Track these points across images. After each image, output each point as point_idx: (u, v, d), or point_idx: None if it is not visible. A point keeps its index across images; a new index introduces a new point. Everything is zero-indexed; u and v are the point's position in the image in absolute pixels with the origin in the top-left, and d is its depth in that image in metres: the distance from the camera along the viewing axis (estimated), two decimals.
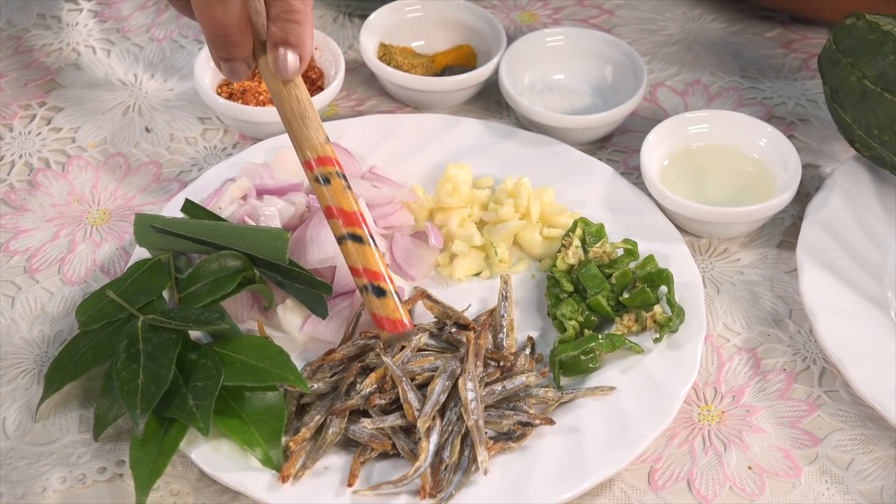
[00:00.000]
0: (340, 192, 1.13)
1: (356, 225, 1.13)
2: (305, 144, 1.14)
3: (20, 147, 1.38)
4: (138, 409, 1.07)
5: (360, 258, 1.12)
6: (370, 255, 1.12)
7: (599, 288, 1.21)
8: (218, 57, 1.15)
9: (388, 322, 1.11)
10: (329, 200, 1.13)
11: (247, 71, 1.16)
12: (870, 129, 1.26)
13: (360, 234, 1.12)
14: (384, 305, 1.11)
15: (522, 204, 1.27)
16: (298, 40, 1.13)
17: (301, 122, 1.14)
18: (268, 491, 1.07)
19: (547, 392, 1.14)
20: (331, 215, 1.13)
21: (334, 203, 1.13)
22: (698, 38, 1.52)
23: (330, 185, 1.13)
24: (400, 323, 1.11)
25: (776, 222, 1.32)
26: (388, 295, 1.11)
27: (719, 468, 1.12)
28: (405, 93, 1.41)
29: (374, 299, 1.11)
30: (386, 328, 1.11)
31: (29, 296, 1.24)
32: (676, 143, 1.33)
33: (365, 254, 1.12)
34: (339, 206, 1.13)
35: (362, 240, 1.12)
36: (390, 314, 1.11)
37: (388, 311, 1.11)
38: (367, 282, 1.11)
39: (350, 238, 1.12)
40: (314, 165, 1.14)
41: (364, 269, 1.11)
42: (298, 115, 1.14)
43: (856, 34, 1.28)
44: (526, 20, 1.55)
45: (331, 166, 1.14)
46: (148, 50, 1.50)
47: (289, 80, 1.14)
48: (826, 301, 1.20)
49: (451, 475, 1.08)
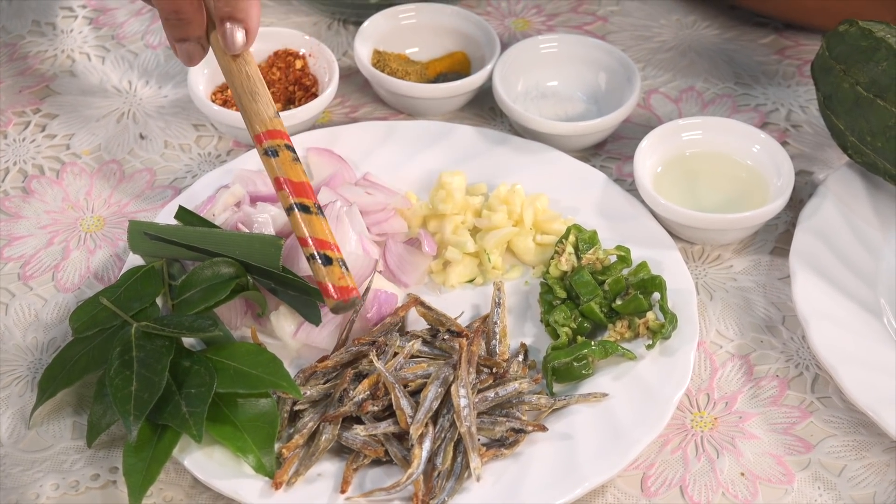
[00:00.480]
0: (288, 163, 1.14)
1: (304, 196, 1.13)
2: (255, 119, 1.16)
3: (14, 154, 1.38)
4: (131, 416, 1.07)
5: (308, 227, 1.12)
6: (317, 225, 1.12)
7: (592, 294, 1.21)
8: (173, 38, 1.18)
9: (334, 289, 1.10)
10: (277, 172, 1.14)
11: (201, 53, 1.18)
12: (863, 135, 1.26)
13: (308, 205, 1.12)
14: (330, 273, 1.10)
15: (516, 211, 1.27)
16: (244, 14, 1.15)
17: (251, 98, 1.16)
18: (261, 497, 1.07)
19: (539, 399, 1.14)
20: (279, 187, 1.13)
21: (282, 174, 1.13)
22: (692, 44, 1.52)
23: (278, 157, 1.14)
24: (345, 289, 1.10)
25: (769, 229, 1.32)
26: (334, 263, 1.10)
27: (712, 474, 1.13)
28: (399, 99, 1.42)
29: (321, 267, 1.10)
30: (332, 296, 1.10)
31: (23, 303, 1.25)
32: (670, 150, 1.33)
33: (312, 223, 1.12)
34: (287, 178, 1.13)
35: (310, 210, 1.12)
36: (336, 281, 1.10)
37: (334, 278, 1.10)
38: (315, 250, 1.11)
39: (298, 208, 1.12)
40: (263, 139, 1.15)
41: (311, 239, 1.11)
42: (248, 91, 1.16)
43: (849, 41, 1.28)
44: (520, 27, 1.55)
45: (279, 139, 1.15)
46: (143, 57, 1.50)
47: (236, 53, 1.16)
48: (819, 307, 1.20)
49: (444, 482, 1.08)
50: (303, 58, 1.42)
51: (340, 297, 1.10)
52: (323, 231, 1.12)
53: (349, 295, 1.10)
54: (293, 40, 1.43)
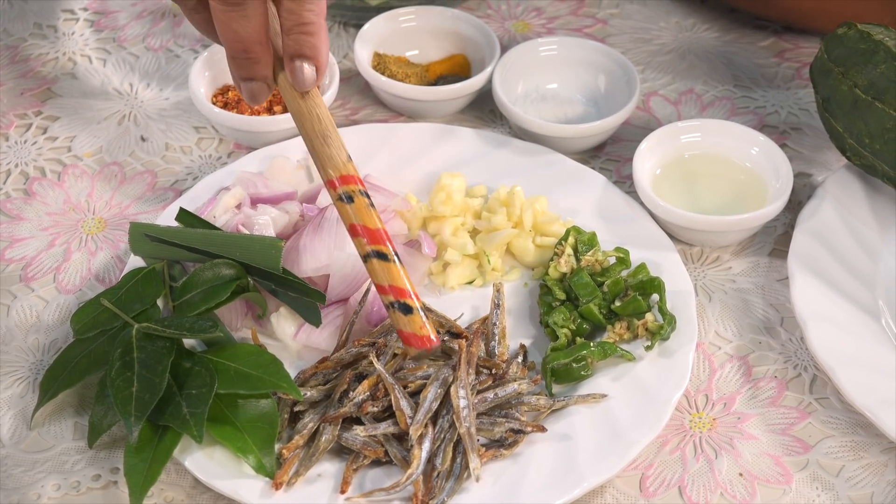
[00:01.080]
0: (364, 210, 1.12)
1: (381, 243, 1.11)
2: (328, 163, 1.13)
3: (16, 156, 1.39)
4: (132, 417, 1.08)
5: (386, 275, 1.10)
6: (395, 273, 1.10)
7: (591, 296, 1.21)
8: (239, 77, 1.15)
9: (415, 338, 1.09)
10: (353, 219, 1.12)
11: (266, 92, 1.15)
12: (861, 137, 1.26)
13: (385, 252, 1.11)
14: (411, 322, 1.09)
15: (515, 213, 1.27)
16: (313, 51, 1.12)
17: (323, 142, 1.13)
18: (261, 498, 1.07)
19: (539, 399, 1.15)
20: (355, 234, 1.12)
21: (358, 221, 1.11)
22: (692, 47, 1.53)
23: (353, 204, 1.12)
24: (427, 339, 1.09)
25: (768, 231, 1.32)
26: (414, 312, 1.09)
27: (710, 475, 1.13)
28: (399, 102, 1.42)
29: (401, 316, 1.09)
30: (413, 345, 1.09)
31: (24, 304, 1.25)
32: (669, 152, 1.34)
33: (390, 271, 1.10)
34: (364, 224, 1.11)
35: (387, 257, 1.10)
36: (417, 331, 1.09)
37: (415, 327, 1.09)
38: (394, 299, 1.10)
39: (375, 256, 1.11)
40: (337, 184, 1.12)
41: (390, 287, 1.10)
42: (320, 135, 1.13)
43: (847, 43, 1.29)
44: (520, 30, 1.55)
45: (353, 185, 1.12)
46: (144, 59, 1.50)
47: (306, 90, 1.13)
48: (817, 309, 1.21)
49: (444, 482, 1.09)
50: None
51: (421, 346, 1.09)
52: (400, 278, 1.10)
53: (431, 345, 1.09)
54: None
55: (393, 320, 1.10)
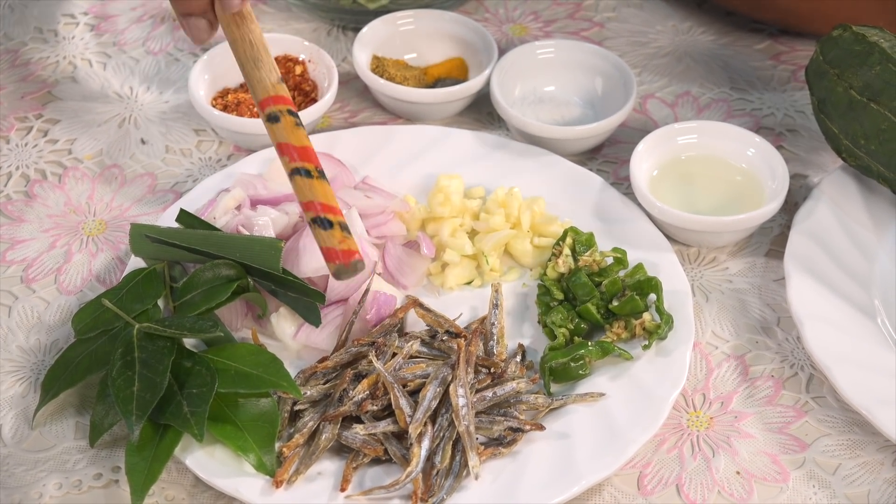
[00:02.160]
0: (290, 128, 1.13)
1: (306, 160, 1.12)
2: (257, 86, 1.15)
3: (17, 159, 1.40)
4: (133, 416, 1.08)
5: (309, 192, 1.11)
6: (318, 189, 1.11)
7: (589, 296, 1.22)
8: (179, 13, 1.18)
9: (334, 252, 1.08)
10: (279, 137, 1.13)
11: (208, 29, 1.18)
12: (856, 138, 1.27)
13: (309, 169, 1.12)
14: (330, 237, 1.09)
15: (513, 214, 1.28)
16: None
17: (254, 65, 1.16)
18: (262, 496, 1.08)
19: (537, 398, 1.15)
20: (281, 152, 1.12)
21: (283, 139, 1.13)
22: (688, 50, 1.53)
23: (279, 123, 1.13)
24: (346, 253, 1.08)
25: (764, 231, 1.33)
26: (335, 226, 1.09)
27: (708, 473, 1.14)
28: (398, 104, 1.43)
29: (321, 231, 1.09)
30: (332, 259, 1.09)
31: (25, 305, 1.26)
32: (665, 154, 1.35)
33: (313, 187, 1.11)
34: (288, 142, 1.13)
35: (311, 174, 1.11)
36: (336, 245, 1.08)
37: (334, 241, 1.09)
38: (315, 214, 1.10)
39: (298, 173, 1.11)
40: (265, 105, 1.15)
41: (311, 203, 1.10)
42: (251, 59, 1.16)
43: (842, 45, 1.30)
44: (517, 33, 1.56)
45: (281, 105, 1.14)
46: (144, 63, 1.51)
47: (234, 11, 1.15)
48: (813, 309, 1.21)
49: (443, 480, 1.09)
50: (302, 63, 1.44)
51: (341, 260, 1.08)
52: (325, 195, 1.10)
53: (350, 258, 1.08)
54: (293, 46, 1.45)
55: (315, 236, 1.10)
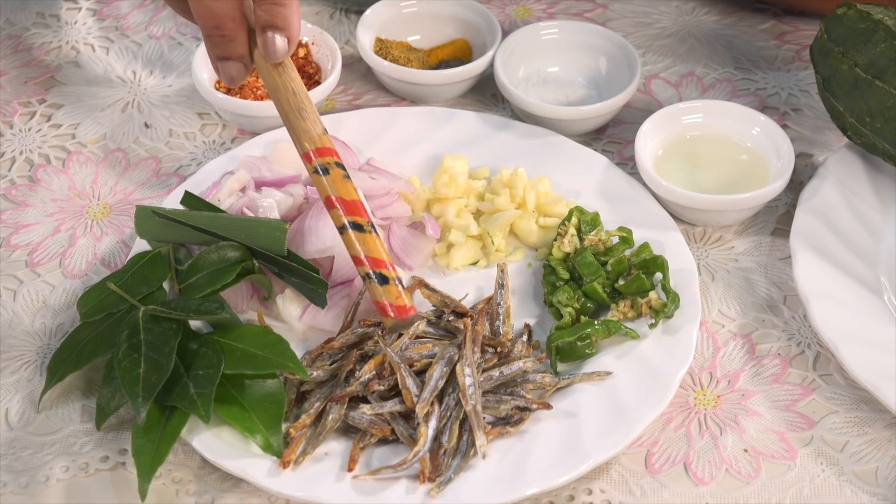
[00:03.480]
0: (339, 181, 1.13)
1: (356, 214, 1.12)
2: (303, 136, 1.14)
3: (21, 143, 1.39)
4: (140, 398, 1.08)
5: (362, 246, 1.11)
6: (371, 243, 1.11)
7: (595, 275, 1.22)
8: (215, 56, 1.17)
9: (391, 308, 1.10)
10: (328, 190, 1.13)
11: (244, 72, 1.17)
12: (861, 116, 1.27)
13: (361, 223, 1.12)
14: (387, 292, 1.10)
15: (518, 194, 1.28)
16: (285, 23, 1.13)
17: (298, 115, 1.15)
18: (269, 477, 1.08)
19: (544, 377, 1.15)
20: (331, 205, 1.13)
21: (334, 193, 1.13)
22: (692, 30, 1.53)
23: (329, 175, 1.13)
24: (403, 309, 1.10)
25: (770, 210, 1.33)
26: (390, 282, 1.10)
27: (715, 451, 1.13)
28: (402, 86, 1.43)
29: (377, 287, 1.10)
30: (389, 315, 1.10)
31: (31, 289, 1.26)
32: (670, 133, 1.34)
33: (366, 242, 1.11)
34: (339, 196, 1.13)
35: (363, 228, 1.12)
36: (393, 300, 1.10)
37: (391, 297, 1.10)
38: (370, 269, 1.11)
39: (351, 227, 1.12)
40: (313, 157, 1.14)
41: (366, 258, 1.11)
42: (295, 108, 1.15)
43: (847, 23, 1.29)
44: (521, 14, 1.56)
45: (329, 157, 1.14)
46: (146, 47, 1.51)
47: (278, 62, 1.14)
48: (820, 287, 1.21)
49: (450, 459, 1.09)
50: (306, 46, 1.43)
51: (398, 316, 1.09)
52: (377, 250, 1.11)
53: (407, 314, 1.10)
54: None
55: (369, 291, 1.11)
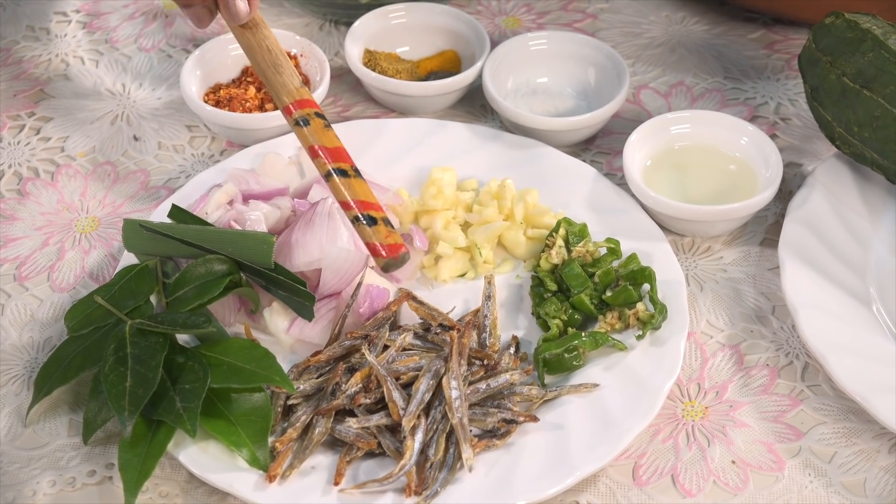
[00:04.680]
0: (320, 130, 1.15)
1: (340, 160, 1.13)
2: (281, 91, 1.17)
3: (9, 157, 1.39)
4: (126, 412, 1.08)
5: (348, 191, 1.12)
6: (358, 187, 1.12)
7: (583, 287, 1.22)
8: (181, 4, 1.21)
9: (382, 248, 1.10)
10: (311, 140, 1.15)
11: (209, 16, 1.20)
12: (850, 126, 1.27)
13: (346, 168, 1.13)
14: (376, 232, 1.11)
15: (506, 205, 1.28)
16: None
17: (275, 71, 1.18)
18: (255, 491, 1.08)
19: (531, 390, 1.15)
20: (315, 155, 1.14)
21: (316, 142, 1.14)
22: (682, 40, 1.53)
23: (310, 126, 1.15)
24: (394, 247, 1.10)
25: (759, 220, 1.33)
26: (378, 222, 1.11)
27: (703, 463, 1.13)
28: (390, 98, 1.42)
29: (366, 228, 1.11)
30: (381, 254, 1.10)
31: (18, 303, 1.26)
32: (659, 144, 1.34)
33: (352, 186, 1.12)
34: (322, 144, 1.14)
35: (347, 173, 1.13)
36: (383, 240, 1.10)
37: (381, 237, 1.10)
38: (358, 212, 1.11)
39: (337, 173, 1.13)
40: (293, 109, 1.16)
41: (353, 201, 1.12)
42: (271, 65, 1.18)
43: (835, 33, 1.29)
44: (510, 25, 1.56)
45: (308, 108, 1.16)
46: (136, 60, 1.51)
47: (240, 22, 1.18)
48: (808, 297, 1.21)
49: (437, 473, 1.09)
50: (295, 58, 1.43)
51: (390, 254, 1.10)
52: (364, 192, 1.12)
53: (398, 251, 1.10)
54: (285, 41, 1.44)
55: (360, 233, 1.12)
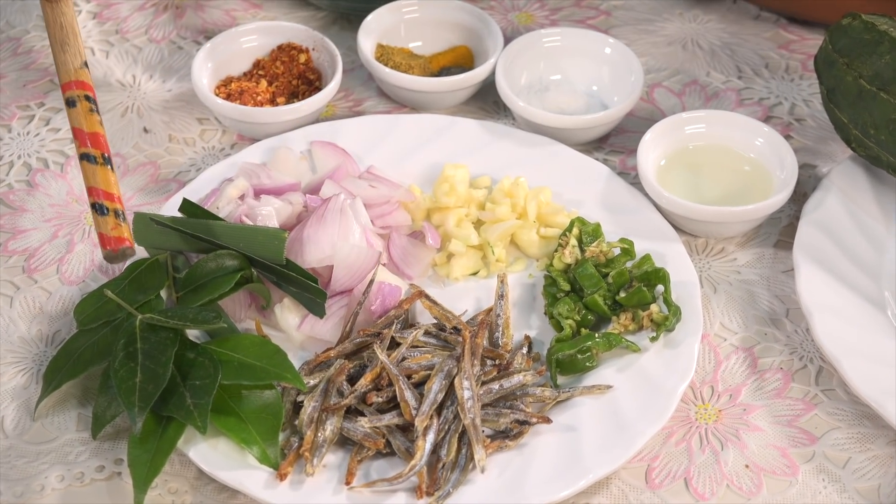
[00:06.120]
0: (84, 114, 1.16)
1: (95, 146, 1.15)
2: (61, 69, 1.19)
3: (19, 147, 1.38)
4: (136, 408, 1.07)
5: (93, 177, 1.14)
6: (100, 176, 1.14)
7: (596, 287, 1.21)
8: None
9: (105, 238, 1.11)
10: (73, 122, 1.17)
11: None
12: (866, 128, 1.26)
13: (94, 155, 1.15)
14: (104, 222, 1.12)
15: (519, 204, 1.27)
16: None
17: (60, 48, 1.20)
18: (265, 489, 1.07)
19: (544, 391, 1.14)
20: (74, 136, 1.16)
21: (77, 124, 1.16)
22: (695, 38, 1.52)
23: (76, 108, 1.17)
24: (116, 240, 1.10)
25: (773, 222, 1.32)
26: (109, 213, 1.12)
27: (716, 466, 1.13)
28: (403, 93, 1.42)
29: (97, 217, 1.12)
30: (104, 245, 1.11)
31: (27, 295, 1.25)
32: (673, 143, 1.33)
33: (96, 174, 1.14)
34: (81, 128, 1.16)
35: (96, 160, 1.14)
36: (108, 231, 1.11)
37: (107, 228, 1.11)
38: (94, 200, 1.13)
39: (85, 158, 1.15)
40: (66, 89, 1.18)
41: (95, 189, 1.13)
42: (59, 41, 1.20)
43: (852, 34, 1.28)
44: (523, 21, 1.55)
45: (80, 90, 1.17)
46: (146, 51, 1.50)
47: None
48: (823, 300, 1.20)
49: (449, 473, 1.08)
50: (307, 52, 1.43)
51: (111, 246, 1.10)
52: (106, 182, 1.13)
53: (119, 245, 1.10)
54: (297, 34, 1.43)
55: (93, 220, 1.13)
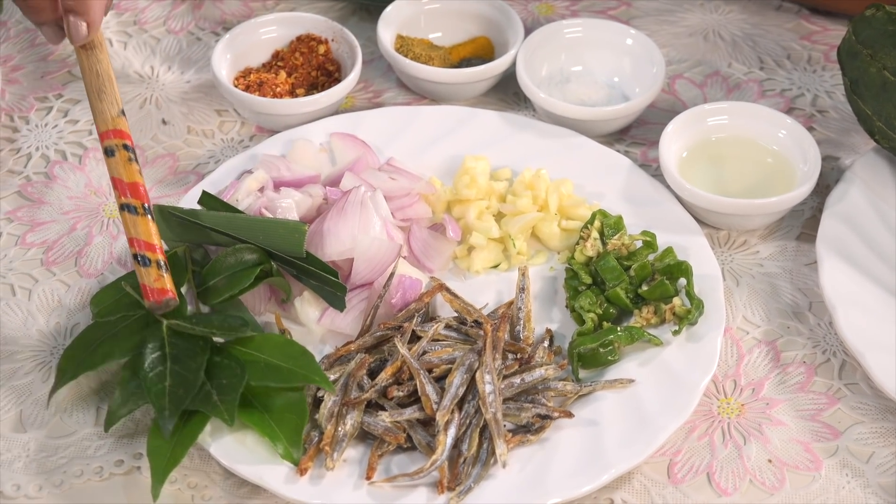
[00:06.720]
0: (123, 163, 1.17)
1: (135, 196, 1.16)
2: (98, 118, 1.20)
3: (37, 139, 1.38)
4: (167, 412, 1.07)
5: (133, 228, 1.15)
6: (141, 227, 1.15)
7: (618, 280, 1.20)
8: (34, 23, 1.24)
9: (148, 290, 1.13)
10: (112, 171, 1.18)
11: (58, 34, 1.23)
12: (890, 120, 1.25)
13: (135, 206, 1.16)
14: (147, 274, 1.13)
15: (540, 196, 1.26)
16: (84, 8, 1.19)
17: (97, 96, 1.20)
18: (286, 484, 1.07)
19: (565, 385, 1.14)
20: (113, 186, 1.17)
21: (116, 174, 1.17)
22: (717, 29, 1.51)
23: (114, 157, 1.18)
24: (160, 291, 1.13)
25: (796, 214, 1.31)
26: (151, 264, 1.14)
27: (739, 461, 1.12)
28: (423, 84, 1.41)
29: (140, 268, 1.14)
30: (146, 296, 1.13)
31: (46, 288, 1.24)
32: (695, 135, 1.33)
33: (137, 224, 1.15)
34: (119, 177, 1.17)
35: (136, 211, 1.15)
36: (151, 283, 1.13)
37: (150, 279, 1.13)
38: (137, 251, 1.14)
39: (126, 208, 1.16)
40: (104, 138, 1.19)
41: (135, 239, 1.15)
42: (96, 89, 1.20)
43: (875, 25, 1.28)
44: (543, 12, 1.54)
45: (118, 139, 1.18)
46: (165, 42, 1.49)
47: (80, 44, 1.21)
48: (846, 293, 1.19)
49: (470, 468, 1.08)
50: (326, 43, 1.42)
51: (153, 298, 1.13)
52: (147, 233, 1.15)
53: (162, 297, 1.13)
54: (316, 25, 1.43)
55: (136, 271, 1.14)
